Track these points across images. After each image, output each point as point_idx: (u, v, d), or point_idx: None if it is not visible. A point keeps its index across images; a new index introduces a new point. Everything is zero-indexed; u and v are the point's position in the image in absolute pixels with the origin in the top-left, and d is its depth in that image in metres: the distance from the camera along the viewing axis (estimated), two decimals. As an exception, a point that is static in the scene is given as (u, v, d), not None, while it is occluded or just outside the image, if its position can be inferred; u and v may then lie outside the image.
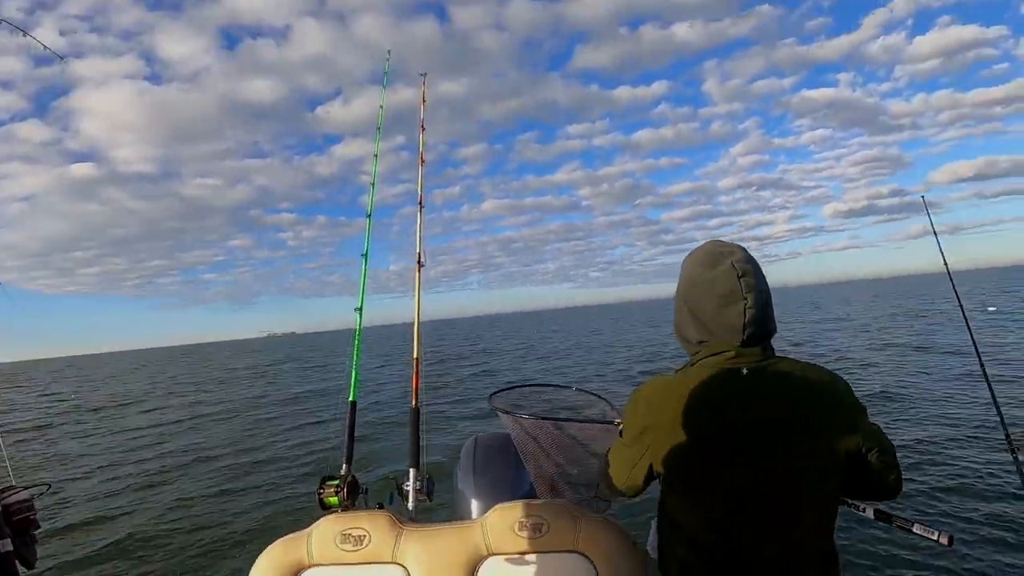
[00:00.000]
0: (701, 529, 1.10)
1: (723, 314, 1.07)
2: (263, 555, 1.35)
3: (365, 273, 2.11)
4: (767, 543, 1.05)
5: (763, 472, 1.04)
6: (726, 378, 1.07)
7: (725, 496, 1.06)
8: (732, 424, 1.05)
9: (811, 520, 1.07)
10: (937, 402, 8.74)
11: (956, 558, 4.01)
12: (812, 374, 1.09)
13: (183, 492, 7.30)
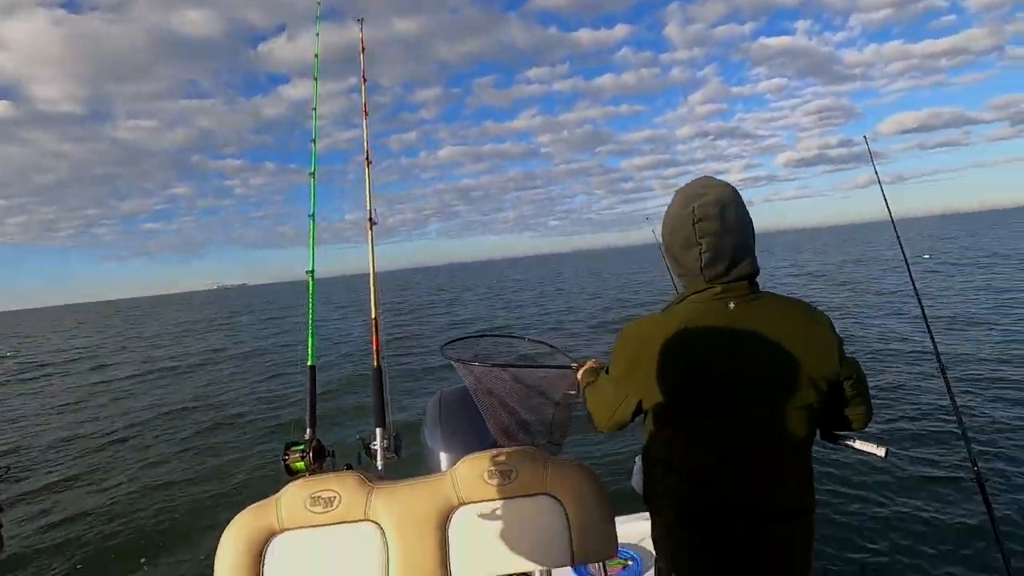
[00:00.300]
0: (689, 462, 1.15)
1: (684, 256, 1.13)
2: (231, 525, 1.34)
3: (314, 235, 2.03)
4: (755, 470, 1.10)
5: (752, 403, 1.09)
6: (713, 314, 1.11)
7: (714, 427, 1.11)
8: (720, 355, 1.09)
9: (795, 449, 1.12)
10: (882, 338, 9.58)
11: (891, 471, 4.41)
12: (796, 308, 1.15)
13: (145, 456, 7.15)
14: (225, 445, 7.26)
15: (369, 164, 2.22)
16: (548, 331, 14.75)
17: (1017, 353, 7.60)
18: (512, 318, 19.29)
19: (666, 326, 1.13)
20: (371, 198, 2.13)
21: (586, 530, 1.35)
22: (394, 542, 1.31)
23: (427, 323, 19.81)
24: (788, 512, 1.13)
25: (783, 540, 1.12)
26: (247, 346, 17.82)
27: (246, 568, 1.28)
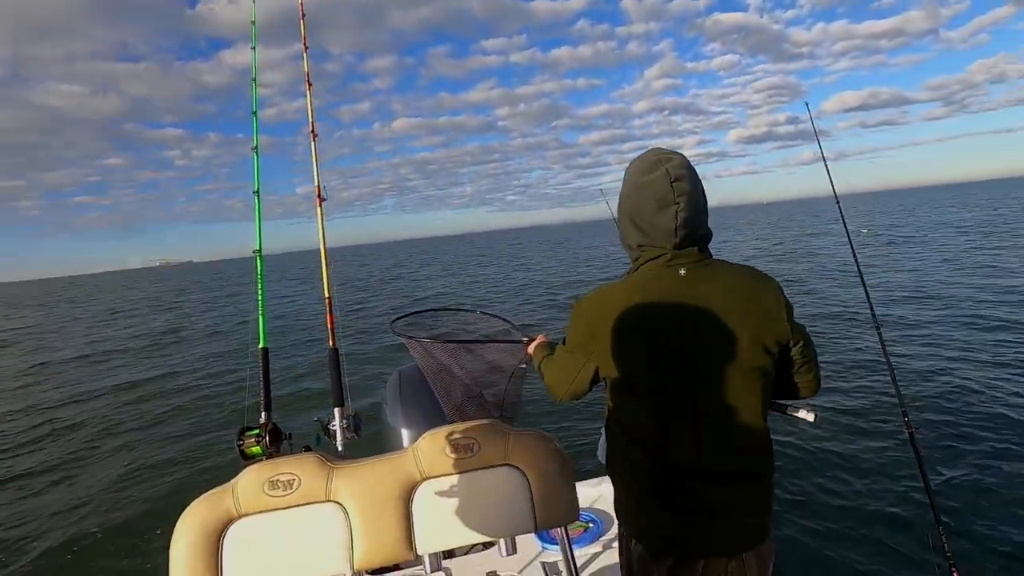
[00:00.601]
0: (649, 430, 1.16)
1: (658, 217, 1.12)
2: (186, 513, 1.29)
3: (259, 212, 1.94)
4: (714, 435, 1.13)
5: (706, 367, 1.11)
6: (665, 280, 1.13)
7: (671, 393, 1.13)
8: (674, 322, 1.11)
9: (751, 413, 1.14)
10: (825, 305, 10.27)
11: (829, 431, 4.70)
12: (746, 273, 1.18)
13: (88, 449, 6.82)
14: (175, 435, 7.00)
15: (315, 137, 2.13)
16: (510, 306, 14.83)
17: (945, 313, 8.22)
18: (474, 293, 19.26)
19: (620, 294, 1.16)
20: (319, 173, 2.05)
21: (548, 497, 1.38)
22: (357, 520, 1.30)
23: (386, 300, 19.54)
24: (748, 475, 1.15)
25: (744, 503, 1.15)
26: (195, 327, 17.10)
27: (203, 557, 1.24)
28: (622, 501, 1.28)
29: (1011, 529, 3.05)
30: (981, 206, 41.31)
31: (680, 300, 1.11)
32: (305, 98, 2.24)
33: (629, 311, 1.13)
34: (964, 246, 17.24)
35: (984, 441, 4.11)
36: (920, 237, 21.86)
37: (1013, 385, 5.15)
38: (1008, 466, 3.72)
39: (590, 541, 2.15)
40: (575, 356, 1.23)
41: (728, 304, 1.12)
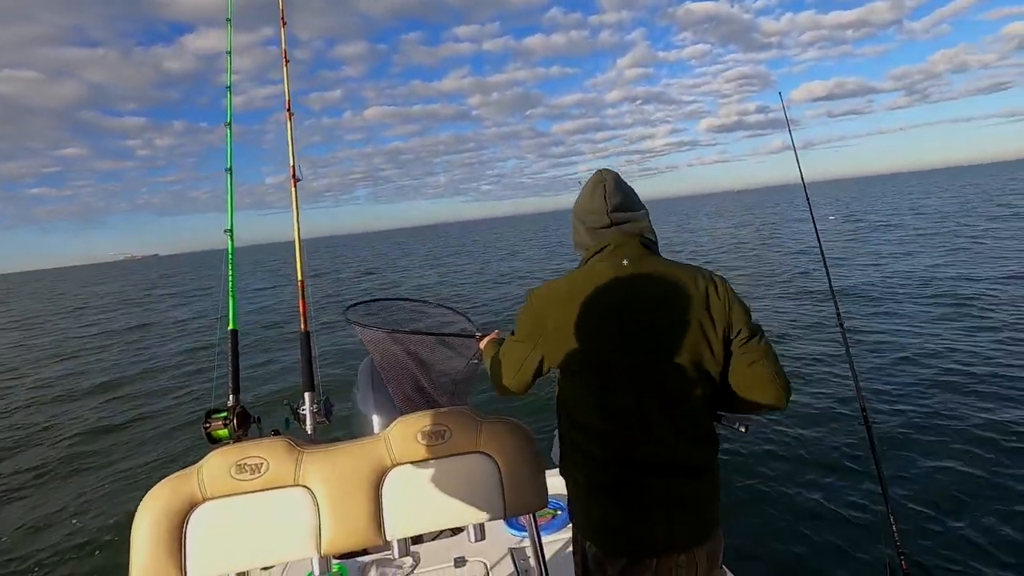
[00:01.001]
0: (594, 420, 1.18)
1: (593, 202, 1.25)
2: (148, 497, 1.26)
3: (232, 189, 1.89)
4: (656, 428, 1.14)
5: (648, 350, 1.13)
6: (610, 269, 1.18)
7: (615, 386, 1.14)
8: (616, 309, 1.15)
9: (694, 400, 1.16)
10: (787, 287, 10.51)
11: (780, 421, 4.83)
12: (688, 267, 1.22)
13: (58, 434, 6.63)
14: (142, 423, 6.84)
15: (291, 115, 2.08)
16: (491, 295, 14.79)
17: (904, 291, 8.53)
18: (451, 285, 19.16)
19: (567, 284, 1.21)
20: (294, 152, 2.01)
21: (518, 484, 1.39)
22: (325, 505, 1.29)
23: (360, 289, 19.31)
24: (695, 468, 1.17)
25: (693, 497, 1.16)
26: (164, 322, 16.65)
27: (165, 541, 1.22)
28: (574, 501, 1.29)
29: (959, 523, 3.20)
30: (942, 192, 43.12)
31: (623, 288, 1.16)
32: (281, 78, 2.19)
33: (574, 299, 1.17)
34: (926, 231, 18.08)
35: (939, 434, 4.27)
36: (886, 222, 22.90)
37: (972, 378, 5.35)
38: (960, 461, 3.89)
39: (558, 528, 2.19)
40: (523, 344, 1.26)
41: (670, 293, 1.16)
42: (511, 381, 1.30)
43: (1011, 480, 3.58)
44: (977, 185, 48.66)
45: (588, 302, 1.16)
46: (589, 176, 1.33)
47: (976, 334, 6.78)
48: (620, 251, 1.20)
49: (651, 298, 1.15)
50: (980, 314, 7.69)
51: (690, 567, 1.16)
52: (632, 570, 1.16)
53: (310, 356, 1.89)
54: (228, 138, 1.96)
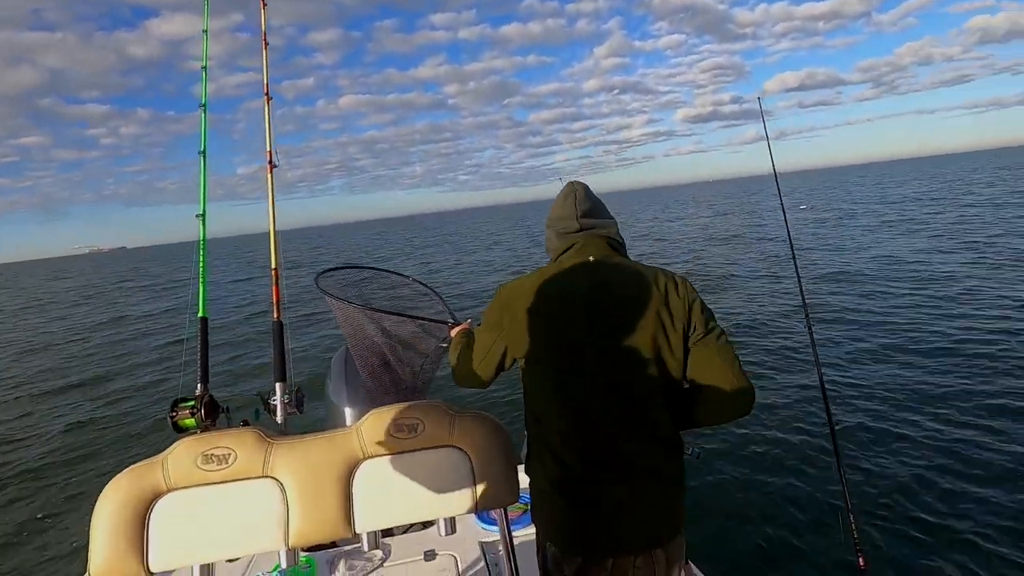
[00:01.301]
0: (555, 416, 1.19)
1: (563, 208, 1.31)
2: (109, 486, 1.23)
3: (205, 173, 1.84)
4: (614, 417, 1.15)
5: (607, 342, 1.15)
6: (575, 266, 1.24)
7: (578, 381, 1.15)
8: (580, 301, 1.18)
9: (652, 395, 1.16)
10: (758, 278, 10.61)
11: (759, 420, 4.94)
12: (648, 268, 1.24)
13: (26, 428, 6.41)
14: (108, 417, 6.65)
15: (269, 100, 2.04)
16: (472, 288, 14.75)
17: (871, 278, 8.77)
18: (431, 275, 19.04)
19: (534, 278, 1.26)
20: (272, 138, 1.97)
21: (490, 478, 1.40)
22: (294, 497, 1.28)
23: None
24: (654, 468, 1.16)
25: (652, 498, 1.15)
26: (133, 316, 16.18)
27: (126, 531, 1.19)
28: (534, 500, 1.30)
29: (918, 515, 3.32)
30: (910, 183, 44.56)
31: (587, 281, 1.20)
32: (258, 59, 2.14)
33: (539, 292, 1.21)
34: (895, 221, 18.61)
35: (901, 428, 4.40)
36: (858, 212, 23.64)
37: (931, 372, 5.52)
38: (920, 455, 4.02)
39: (529, 523, 2.20)
40: (488, 333, 1.29)
41: (632, 289, 1.19)
42: (477, 366, 1.33)
43: (970, 469, 3.72)
44: (941, 176, 50.22)
45: (552, 294, 1.21)
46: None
47: (938, 322, 6.98)
48: (586, 250, 1.26)
49: (614, 292, 1.19)
50: (942, 301, 7.92)
51: (647, 568, 1.15)
52: (588, 570, 1.16)
53: (283, 346, 1.86)
54: (203, 121, 1.91)
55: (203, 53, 2.06)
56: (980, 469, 3.81)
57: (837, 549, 3.01)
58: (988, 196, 24.46)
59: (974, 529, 3.19)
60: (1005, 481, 3.65)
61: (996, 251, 11.37)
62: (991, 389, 5.09)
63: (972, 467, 3.85)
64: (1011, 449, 4.04)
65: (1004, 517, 3.26)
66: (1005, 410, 4.62)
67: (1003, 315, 7.16)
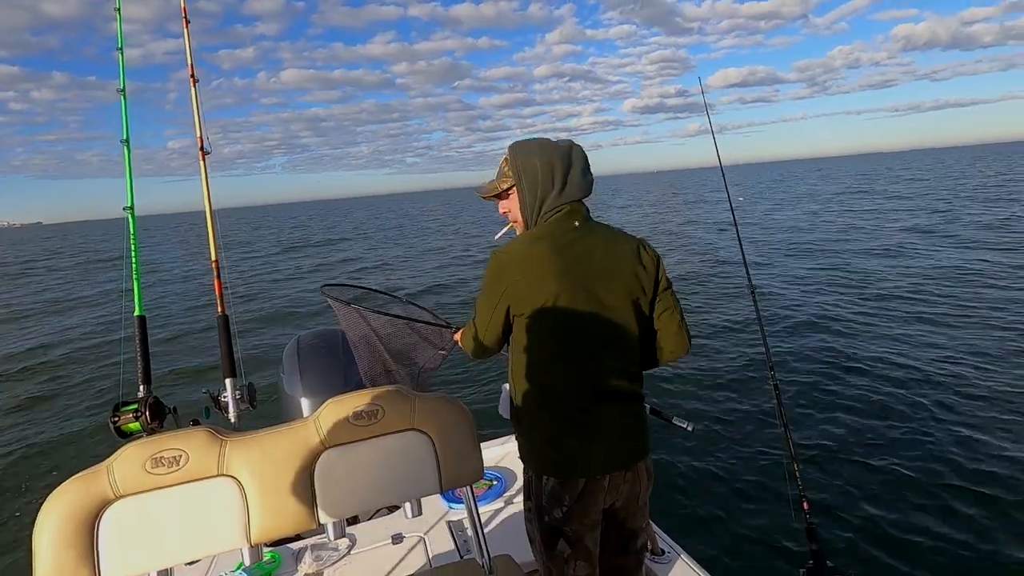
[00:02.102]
0: (551, 359, 1.30)
1: (564, 176, 1.35)
2: (51, 498, 1.17)
3: (130, 164, 1.72)
4: (607, 362, 1.31)
5: (600, 295, 1.29)
6: (564, 230, 1.33)
7: (573, 323, 1.28)
8: (570, 265, 1.29)
9: (632, 340, 1.33)
10: (706, 262, 11.14)
11: (699, 379, 5.17)
12: (622, 232, 1.41)
13: None
14: (40, 421, 6.23)
15: (196, 82, 1.92)
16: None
17: (810, 271, 9.32)
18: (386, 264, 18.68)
19: (526, 241, 1.34)
20: (201, 123, 1.86)
21: (453, 458, 1.41)
22: (253, 493, 1.25)
23: (278, 264, 18.44)
24: (634, 396, 1.37)
25: (634, 421, 1.36)
26: (58, 299, 15.10)
27: (74, 545, 1.13)
28: (529, 442, 1.39)
29: (854, 466, 3.60)
30: (838, 178, 47.29)
31: (577, 244, 1.31)
32: (182, 38, 2.00)
33: (534, 253, 1.30)
34: (823, 213, 19.98)
35: (839, 394, 4.74)
36: (789, 204, 25.17)
37: (866, 340, 5.96)
38: (853, 413, 4.35)
39: (494, 498, 2.24)
40: (488, 298, 1.35)
41: (614, 251, 1.34)
42: (483, 334, 1.39)
43: (899, 425, 4.05)
44: (864, 174, 53.67)
45: (547, 256, 1.29)
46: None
47: (860, 303, 7.64)
48: (573, 215, 1.35)
49: (599, 253, 1.32)
50: (862, 281, 8.76)
51: (635, 479, 1.36)
52: (589, 488, 1.31)
53: (229, 340, 1.80)
54: (123, 107, 1.78)
55: (118, 33, 1.91)
56: (905, 421, 4.16)
57: (783, 497, 3.23)
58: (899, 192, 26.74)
59: (900, 471, 3.49)
60: (927, 428, 3.99)
61: (904, 233, 12.41)
62: (910, 348, 5.54)
63: (897, 418, 4.20)
64: (930, 397, 4.42)
65: (924, 459, 3.58)
66: (924, 364, 5.03)
67: (913, 278, 7.75)
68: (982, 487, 3.23)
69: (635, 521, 1.42)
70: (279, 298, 12.11)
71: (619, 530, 1.41)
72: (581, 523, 1.32)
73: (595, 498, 1.32)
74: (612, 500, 1.35)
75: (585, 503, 1.31)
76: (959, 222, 14.82)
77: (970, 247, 11.06)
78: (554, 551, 1.35)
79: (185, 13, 1.97)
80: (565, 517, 1.32)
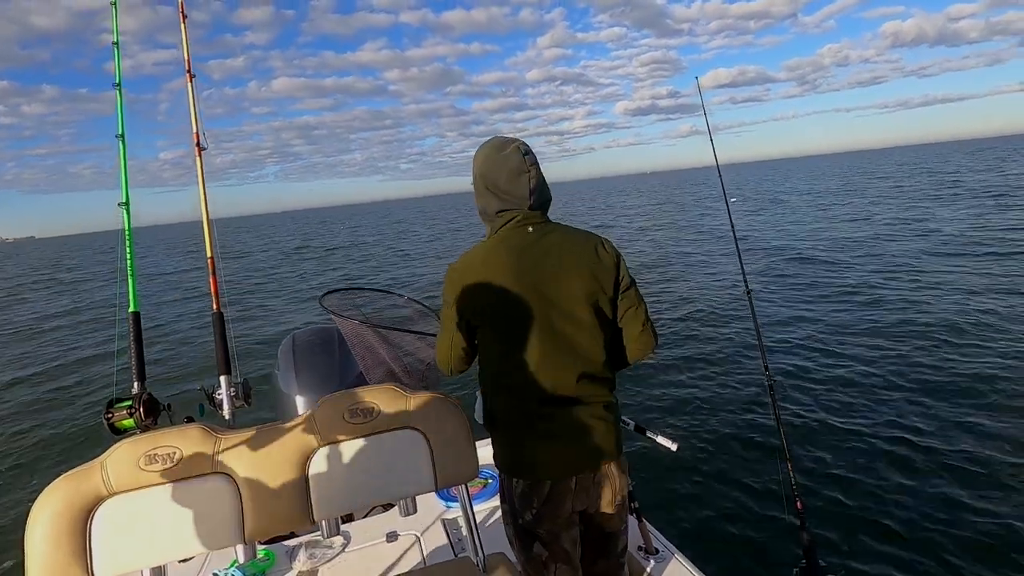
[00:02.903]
0: (512, 365, 1.29)
1: (515, 183, 1.32)
2: (43, 495, 1.16)
3: (125, 158, 1.71)
4: (567, 366, 1.29)
5: (556, 301, 1.28)
6: (518, 236, 1.32)
7: (530, 327, 1.27)
8: (524, 270, 1.28)
9: (594, 341, 1.32)
10: (702, 264, 11.05)
11: (693, 380, 5.18)
12: (580, 232, 1.39)
13: None
14: (33, 416, 6.19)
15: (192, 78, 1.91)
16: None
17: (802, 271, 9.35)
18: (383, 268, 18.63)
19: (480, 251, 1.33)
20: (198, 118, 1.85)
21: (448, 456, 1.41)
22: (247, 491, 1.24)
23: (277, 267, 18.38)
24: (595, 401, 1.34)
25: (598, 423, 1.33)
26: (50, 312, 15.01)
27: (67, 542, 1.13)
28: (499, 448, 1.38)
29: (848, 469, 3.61)
30: (829, 176, 47.61)
31: (530, 251, 1.30)
32: (179, 37, 1.99)
33: (488, 263, 1.30)
34: (817, 213, 19.91)
35: (833, 393, 4.76)
36: (781, 204, 25.22)
37: (859, 344, 5.98)
38: (847, 413, 4.36)
39: (489, 496, 2.24)
40: (450, 310, 1.33)
41: (569, 252, 1.33)
42: (449, 351, 1.36)
43: (895, 425, 4.07)
44: (862, 170, 53.89)
45: (500, 263, 1.29)
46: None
47: (846, 299, 7.68)
48: (528, 221, 1.34)
49: (555, 257, 1.31)
50: (855, 278, 8.77)
51: (604, 479, 1.35)
52: (556, 489, 1.30)
53: (224, 337, 1.79)
54: (118, 101, 1.77)
55: (113, 27, 1.90)
56: (901, 421, 4.17)
57: (777, 496, 3.23)
58: (886, 189, 26.95)
59: (894, 471, 3.50)
60: (923, 428, 4.01)
61: (895, 228, 12.45)
62: (910, 348, 5.55)
63: (893, 418, 4.21)
64: (928, 399, 4.44)
65: (919, 459, 3.60)
66: (924, 364, 5.06)
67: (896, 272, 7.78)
68: (979, 487, 3.25)
69: (612, 523, 1.40)
70: (277, 297, 12.07)
71: (596, 533, 1.40)
72: (553, 523, 1.32)
73: (563, 499, 1.31)
74: (584, 502, 1.34)
75: (554, 504, 1.31)
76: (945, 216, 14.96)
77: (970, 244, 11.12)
78: (531, 554, 1.35)
79: (182, 8, 1.96)
80: (536, 519, 1.32)
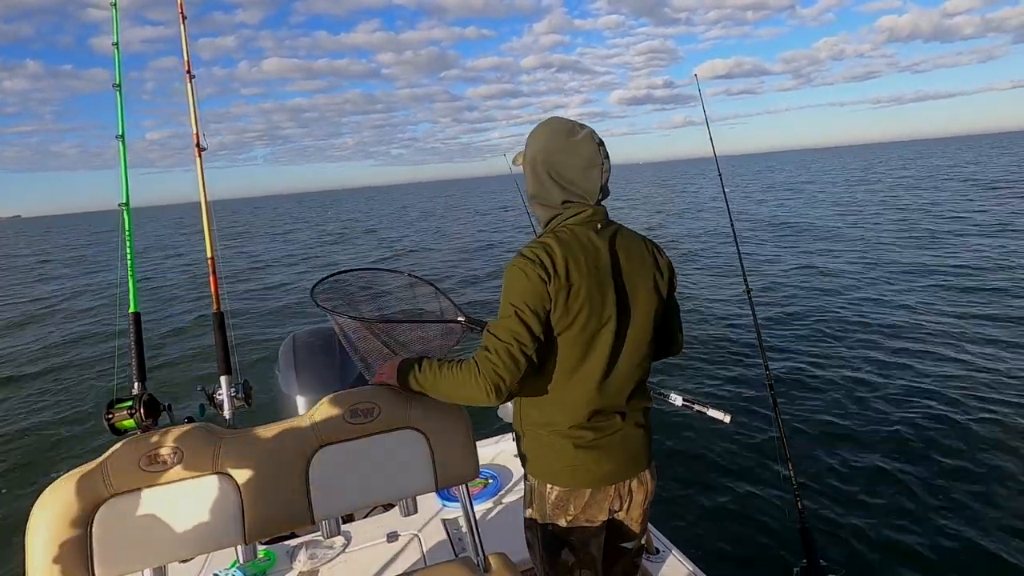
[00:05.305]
0: (576, 367, 1.22)
1: (586, 176, 1.25)
2: (44, 496, 1.16)
3: (125, 159, 1.71)
4: (623, 374, 1.27)
5: (625, 306, 1.25)
6: (587, 234, 1.25)
7: (602, 333, 1.22)
8: (603, 273, 1.23)
9: (648, 353, 1.31)
10: (700, 248, 11.11)
11: (695, 381, 5.18)
12: (639, 235, 1.36)
13: None
14: (33, 416, 6.19)
15: (192, 79, 1.91)
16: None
17: (798, 269, 9.35)
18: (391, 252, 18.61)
19: (558, 251, 1.20)
20: (198, 120, 1.85)
21: (449, 457, 1.41)
22: (248, 491, 1.24)
23: (275, 257, 18.38)
24: (642, 408, 1.35)
25: (641, 431, 1.34)
26: (47, 299, 14.98)
27: (68, 543, 1.13)
28: (534, 452, 1.32)
29: (846, 467, 3.61)
30: (820, 171, 47.84)
31: (605, 252, 1.25)
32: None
33: (560, 263, 1.18)
34: (806, 207, 20.26)
35: (834, 393, 4.76)
36: (774, 198, 25.51)
37: (859, 343, 5.97)
38: (849, 415, 4.36)
39: (490, 496, 2.24)
40: (527, 318, 1.17)
41: (640, 259, 1.30)
42: (509, 368, 1.15)
43: (895, 426, 4.07)
44: (853, 166, 54.07)
45: (572, 263, 1.19)
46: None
47: (846, 299, 7.71)
48: (595, 218, 1.27)
49: (625, 260, 1.27)
50: (856, 278, 8.83)
51: (640, 487, 1.35)
52: (595, 497, 1.28)
53: (225, 337, 1.78)
54: (119, 102, 1.76)
55: (113, 29, 1.89)
56: (900, 421, 4.17)
57: (778, 496, 3.24)
58: (882, 184, 27.73)
59: (895, 472, 3.50)
60: (922, 428, 4.01)
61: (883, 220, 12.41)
62: (908, 349, 5.55)
63: (893, 419, 4.20)
64: (926, 399, 4.44)
65: (919, 460, 3.60)
66: (923, 365, 5.05)
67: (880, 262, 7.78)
68: (978, 487, 3.26)
69: (636, 526, 1.40)
70: (276, 296, 12.07)
71: (620, 535, 1.40)
72: (586, 531, 1.29)
73: (601, 507, 1.29)
74: (617, 507, 1.33)
75: (591, 512, 1.29)
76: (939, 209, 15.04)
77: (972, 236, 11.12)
78: (557, 560, 1.32)
79: (182, 9, 1.95)
80: (570, 526, 1.29)
